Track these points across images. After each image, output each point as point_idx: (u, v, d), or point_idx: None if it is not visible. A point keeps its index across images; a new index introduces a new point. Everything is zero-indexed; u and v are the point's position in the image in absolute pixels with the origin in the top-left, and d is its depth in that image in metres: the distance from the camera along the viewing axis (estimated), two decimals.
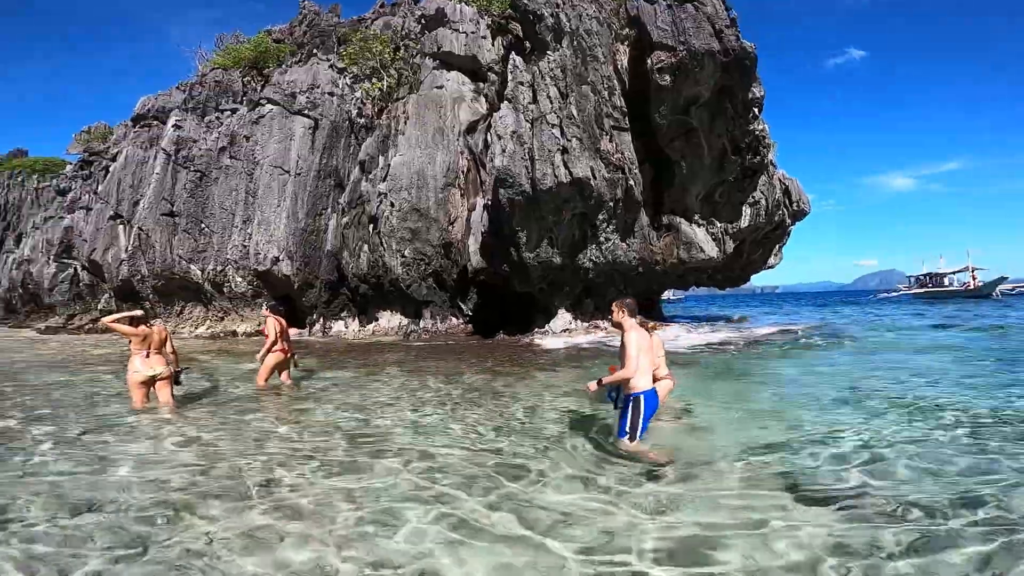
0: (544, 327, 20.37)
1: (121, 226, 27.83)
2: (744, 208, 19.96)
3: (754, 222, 20.56)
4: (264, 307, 9.75)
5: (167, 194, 25.39)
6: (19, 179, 40.24)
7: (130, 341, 6.82)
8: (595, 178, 15.53)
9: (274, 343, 8.65)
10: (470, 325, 21.69)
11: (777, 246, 25.45)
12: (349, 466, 4.74)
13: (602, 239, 17.31)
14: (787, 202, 22.94)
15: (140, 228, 25.93)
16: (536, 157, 15.56)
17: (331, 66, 24.91)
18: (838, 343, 15.08)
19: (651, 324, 6.60)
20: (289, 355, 9.06)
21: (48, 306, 30.59)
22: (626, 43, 15.68)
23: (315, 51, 25.95)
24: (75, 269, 30.09)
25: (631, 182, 15.82)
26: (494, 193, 18.06)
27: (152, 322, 7.16)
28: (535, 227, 17.67)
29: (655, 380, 5.62)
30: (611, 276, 18.58)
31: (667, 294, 42.02)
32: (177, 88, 28.53)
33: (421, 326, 21.96)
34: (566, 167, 15.43)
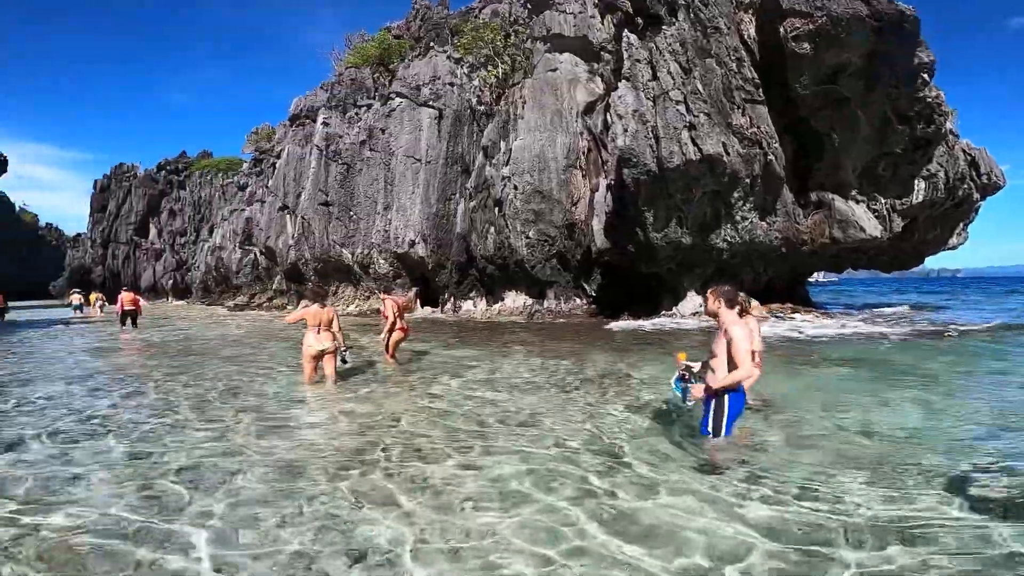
0: (672, 309, 19.51)
1: (288, 216, 31.79)
2: (916, 182, 17.07)
3: (929, 197, 17.52)
4: (380, 291, 10.50)
5: (322, 185, 28.39)
6: (208, 178, 47.93)
7: (307, 323, 7.83)
8: (728, 154, 14.29)
9: (394, 323, 9.34)
10: (594, 305, 21.53)
11: (961, 224, 21.55)
12: (477, 437, 5.09)
13: (738, 218, 15.99)
14: (974, 175, 19.29)
15: (303, 217, 29.38)
16: (661, 135, 14.72)
17: (448, 57, 25.82)
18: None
19: (750, 306, 5.92)
20: (407, 332, 9.74)
21: (235, 286, 36.14)
22: (751, 11, 14.07)
23: (431, 44, 27.08)
24: (255, 254, 35.08)
25: (770, 157, 14.30)
26: (617, 173, 17.50)
27: (324, 302, 8.16)
28: (662, 206, 16.88)
29: None
30: (748, 257, 17.13)
31: (815, 276, 37.74)
32: (321, 88, 31.59)
33: (545, 306, 22.26)
34: (694, 144, 14.40)
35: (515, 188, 21.17)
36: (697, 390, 4.54)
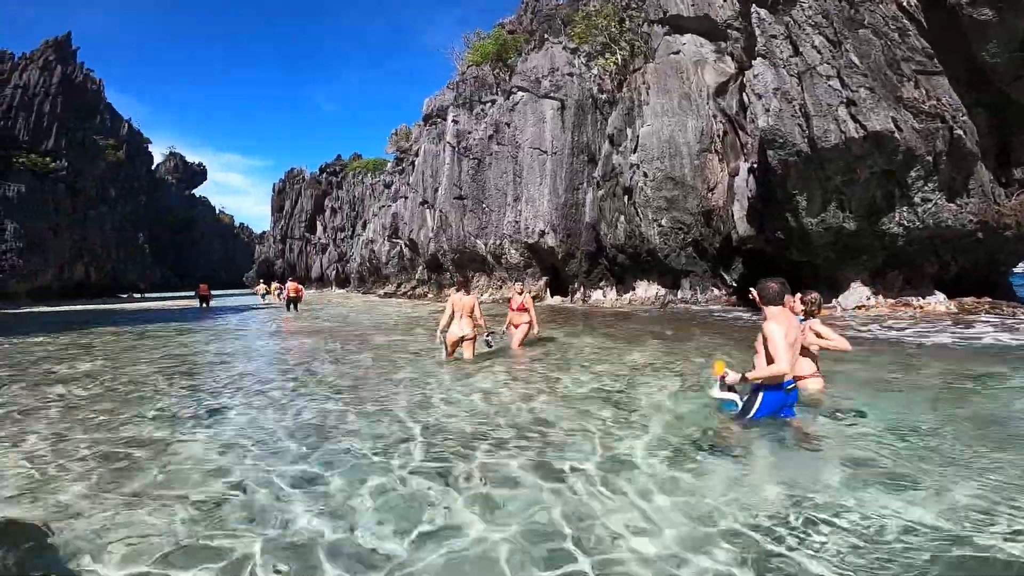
0: (831, 302, 17.25)
1: (428, 210, 33.84)
2: None
3: None
4: (516, 284, 10.97)
5: (456, 180, 29.64)
6: (360, 177, 52.65)
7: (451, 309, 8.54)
8: (900, 130, 11.96)
9: (530, 319, 9.82)
10: (734, 297, 19.93)
11: None
12: (592, 421, 5.18)
13: (917, 200, 13.47)
14: None
15: (440, 211, 31.05)
16: (811, 113, 12.80)
17: (564, 48, 25.13)
18: None
19: (818, 308, 5.53)
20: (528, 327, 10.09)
21: (384, 276, 39.61)
22: None
23: (546, 36, 26.50)
24: (401, 246, 38.02)
25: (958, 131, 11.67)
26: (760, 155, 15.72)
27: (467, 291, 8.78)
28: (818, 189, 14.91)
29: (800, 377, 4.97)
30: (929, 243, 14.42)
31: (1022, 266, 30.55)
32: (448, 87, 32.73)
33: (679, 296, 21.16)
34: (855, 120, 12.28)
35: (645, 175, 20.10)
36: (732, 377, 4.51)
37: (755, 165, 16.65)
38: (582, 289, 25.53)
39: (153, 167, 76.38)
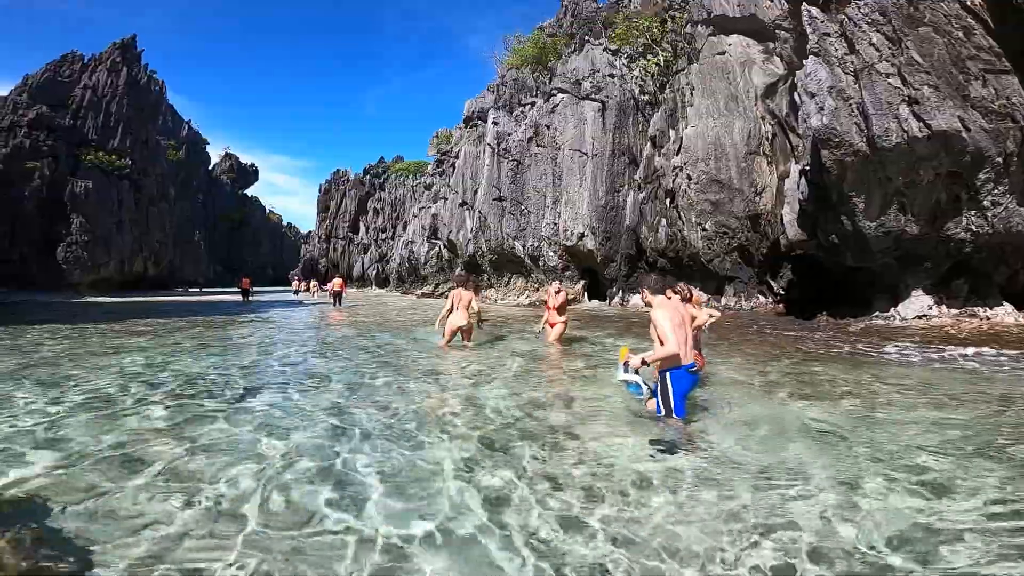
0: (889, 311, 16.27)
1: (467, 211, 34.02)
2: None
3: None
4: (553, 283, 11.34)
5: (495, 182, 29.68)
6: (401, 179, 53.49)
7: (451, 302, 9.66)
8: (968, 129, 11.18)
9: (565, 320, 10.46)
10: (781, 304, 19.13)
11: None
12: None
13: (986, 203, 12.60)
14: None
15: (479, 212, 31.16)
16: (870, 111, 12.13)
17: (604, 49, 24.91)
18: None
19: (689, 295, 6.28)
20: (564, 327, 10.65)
21: (423, 276, 40.05)
22: None
23: (586, 38, 26.33)
24: (439, 247, 38.37)
25: None
26: (813, 156, 15.02)
27: (466, 286, 9.85)
28: (877, 191, 14.12)
29: None
30: (998, 250, 13.47)
31: None
32: (488, 90, 32.96)
33: (723, 303, 20.49)
34: (918, 119, 11.55)
35: (688, 178, 19.59)
36: (634, 361, 4.76)
37: (807, 167, 15.94)
38: (620, 293, 25.08)
39: (210, 167, 79.91)
